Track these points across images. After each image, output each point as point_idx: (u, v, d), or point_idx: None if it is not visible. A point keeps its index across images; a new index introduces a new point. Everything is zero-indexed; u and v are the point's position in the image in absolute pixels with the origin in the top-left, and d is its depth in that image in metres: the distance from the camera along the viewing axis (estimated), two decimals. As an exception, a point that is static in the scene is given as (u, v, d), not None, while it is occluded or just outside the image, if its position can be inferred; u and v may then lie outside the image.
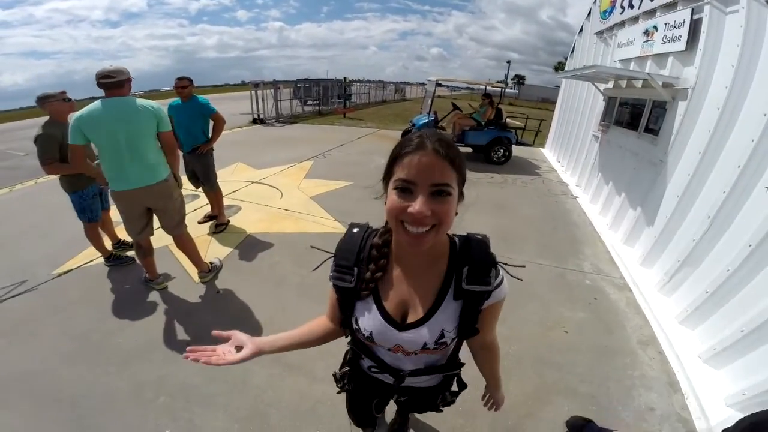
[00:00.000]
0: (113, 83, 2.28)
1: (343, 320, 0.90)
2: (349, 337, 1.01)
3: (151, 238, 2.80)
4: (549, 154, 9.10)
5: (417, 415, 1.85)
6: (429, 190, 0.65)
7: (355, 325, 0.86)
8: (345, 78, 18.74)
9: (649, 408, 2.06)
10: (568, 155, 7.29)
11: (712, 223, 2.50)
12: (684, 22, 3.38)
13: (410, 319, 0.82)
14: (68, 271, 3.19)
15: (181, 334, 2.50)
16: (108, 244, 3.40)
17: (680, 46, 3.42)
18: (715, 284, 2.30)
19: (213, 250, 3.58)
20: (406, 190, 0.66)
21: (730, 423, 1.78)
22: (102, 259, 3.30)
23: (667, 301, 2.81)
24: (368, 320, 0.84)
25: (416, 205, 0.64)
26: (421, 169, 0.64)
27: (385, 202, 0.72)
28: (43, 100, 2.74)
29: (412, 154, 0.65)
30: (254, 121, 12.75)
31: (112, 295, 2.88)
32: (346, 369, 1.10)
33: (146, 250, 2.79)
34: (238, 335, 0.88)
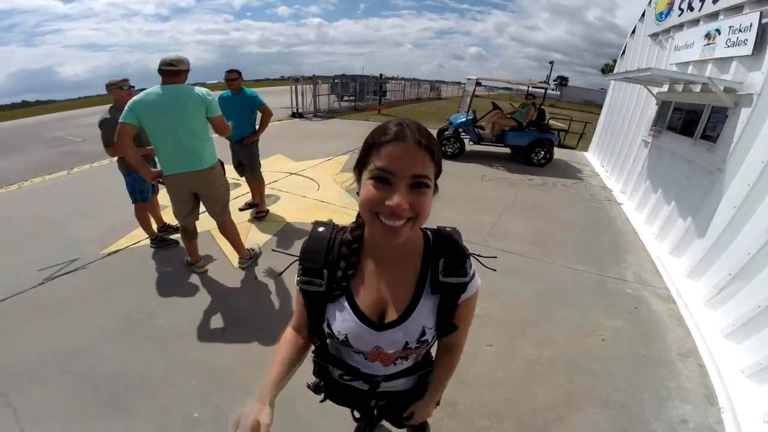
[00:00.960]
0: (173, 71, 2.42)
1: (312, 326, 0.84)
2: (313, 347, 0.93)
3: (196, 222, 2.94)
4: (592, 158, 8.75)
5: (440, 414, 1.83)
6: (408, 181, 0.61)
7: (327, 330, 0.80)
8: (381, 75, 18.82)
9: (681, 420, 1.99)
10: (614, 160, 7.00)
11: (771, 236, 2.36)
12: (751, 25, 3.19)
13: (388, 318, 0.77)
14: (116, 251, 3.39)
15: (218, 317, 2.57)
16: (154, 226, 3.58)
17: (746, 50, 3.23)
18: (767, 300, 2.18)
19: (252, 237, 3.75)
20: (383, 180, 0.62)
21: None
22: (148, 241, 3.50)
23: (713, 314, 2.69)
24: (342, 323, 0.78)
25: (395, 198, 0.60)
26: (401, 160, 0.60)
27: (358, 193, 0.68)
28: (108, 87, 3.03)
29: (392, 144, 0.61)
30: (293, 115, 13.11)
31: (154, 276, 3.03)
32: (317, 380, 1.03)
33: (191, 234, 2.93)
34: (243, 420, 0.63)
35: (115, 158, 3.19)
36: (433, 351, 0.99)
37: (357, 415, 1.12)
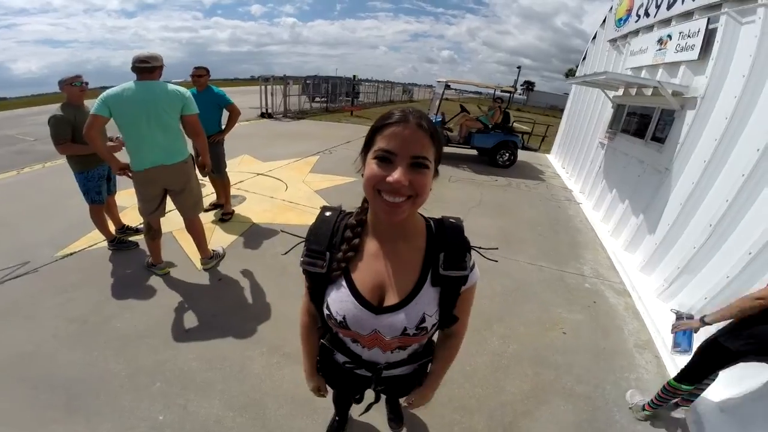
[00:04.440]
0: (148, 68, 2.39)
1: (316, 307, 0.88)
2: (322, 331, 0.99)
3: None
4: (554, 160, 9.11)
5: (411, 411, 1.86)
6: (408, 161, 0.66)
7: (326, 311, 0.82)
8: (354, 76, 18.80)
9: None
10: (573, 162, 7.30)
11: (713, 231, 2.52)
12: (699, 31, 3.39)
13: (387, 302, 0.78)
14: (71, 254, 3.20)
15: (181, 319, 2.50)
16: (112, 228, 3.42)
17: (693, 55, 3.43)
18: (714, 291, 2.32)
19: (217, 238, 3.62)
20: (385, 159, 0.66)
21: (727, 428, 1.80)
22: (105, 244, 3.33)
23: (664, 306, 2.83)
24: (340, 303, 0.79)
25: (395, 174, 0.64)
26: (402, 141, 0.65)
27: (362, 174, 0.72)
28: (60, 84, 2.87)
29: (395, 126, 0.66)
30: (262, 115, 12.81)
31: (113, 279, 2.88)
32: (317, 360, 1.09)
33: (155, 232, 2.83)
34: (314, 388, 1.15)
35: (65, 157, 2.98)
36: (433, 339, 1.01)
37: (357, 397, 1.14)
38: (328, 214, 0.84)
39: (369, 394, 1.11)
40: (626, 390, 2.19)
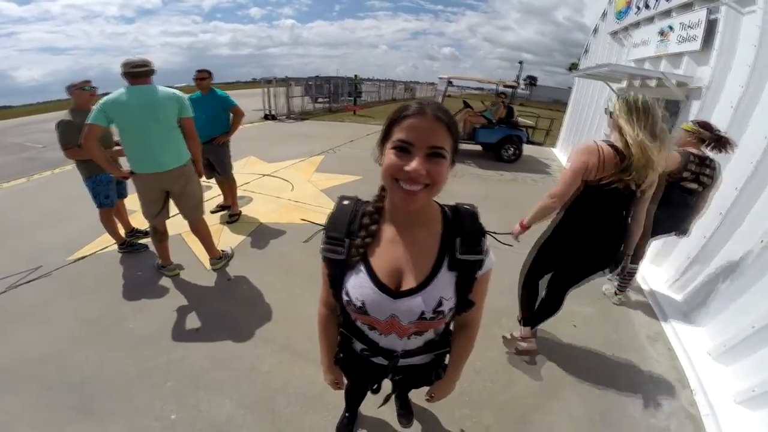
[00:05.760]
0: (142, 72, 2.39)
1: (335, 295, 0.89)
2: (341, 319, 1.01)
3: (166, 224, 2.87)
4: (559, 153, 9.05)
5: (423, 405, 1.86)
6: (426, 151, 0.68)
7: (345, 297, 0.83)
8: (356, 76, 18.81)
9: (657, 403, 2.06)
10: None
11: (723, 219, 2.50)
12: (700, 22, 3.38)
13: (405, 287, 0.80)
14: (82, 258, 3.26)
15: (192, 319, 2.54)
16: (122, 231, 3.46)
17: (695, 45, 3.42)
18: (726, 281, 2.30)
19: (225, 239, 3.66)
20: (403, 150, 0.69)
21: (739, 419, 1.79)
22: (116, 246, 3.38)
23: (676, 297, 2.81)
24: (359, 289, 0.81)
25: (413, 164, 0.67)
26: (419, 132, 0.68)
27: (380, 164, 0.75)
28: (69, 89, 2.89)
29: (412, 118, 0.68)
30: (266, 117, 12.86)
31: (124, 281, 2.94)
32: (337, 351, 1.08)
33: (161, 235, 2.86)
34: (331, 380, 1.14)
35: (74, 162, 3.02)
36: (449, 329, 1.01)
37: (374, 387, 1.14)
38: (346, 202, 0.86)
39: (385, 386, 1.11)
40: (639, 383, 2.18)
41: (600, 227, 1.84)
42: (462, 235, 0.81)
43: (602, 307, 2.87)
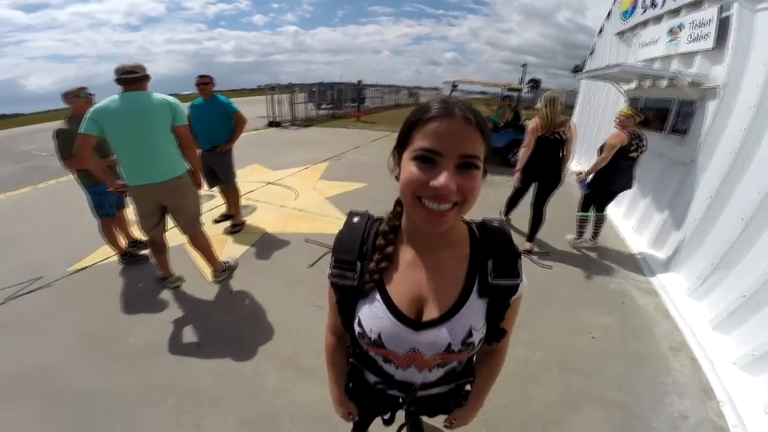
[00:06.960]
0: (133, 78, 2.30)
1: (345, 325, 0.78)
2: (350, 350, 0.91)
3: (167, 236, 2.81)
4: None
5: (433, 424, 1.77)
6: (456, 162, 0.55)
7: (358, 329, 0.73)
8: (359, 82, 18.91)
9: (682, 415, 1.96)
10: (588, 158, 7.13)
11: (748, 224, 2.39)
12: (711, 20, 3.30)
13: (427, 316, 0.69)
14: (83, 269, 3.23)
15: (193, 334, 2.47)
16: (123, 243, 3.42)
17: (708, 44, 3.33)
18: (752, 288, 2.20)
19: (228, 249, 3.61)
20: (428, 160, 0.56)
21: None
22: (116, 258, 3.33)
23: (698, 305, 2.69)
24: (374, 320, 0.70)
25: (441, 178, 0.54)
26: (448, 138, 0.55)
27: (396, 177, 0.62)
28: (65, 97, 2.84)
29: (438, 121, 0.56)
30: (270, 124, 12.94)
31: (125, 293, 2.89)
32: (347, 379, 0.97)
33: (159, 247, 2.79)
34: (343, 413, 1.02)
35: (74, 172, 2.99)
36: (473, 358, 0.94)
37: (386, 417, 1.03)
38: (356, 220, 0.76)
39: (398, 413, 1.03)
40: (663, 395, 2.08)
41: (548, 160, 3.34)
42: (495, 257, 0.69)
43: (621, 317, 2.76)
